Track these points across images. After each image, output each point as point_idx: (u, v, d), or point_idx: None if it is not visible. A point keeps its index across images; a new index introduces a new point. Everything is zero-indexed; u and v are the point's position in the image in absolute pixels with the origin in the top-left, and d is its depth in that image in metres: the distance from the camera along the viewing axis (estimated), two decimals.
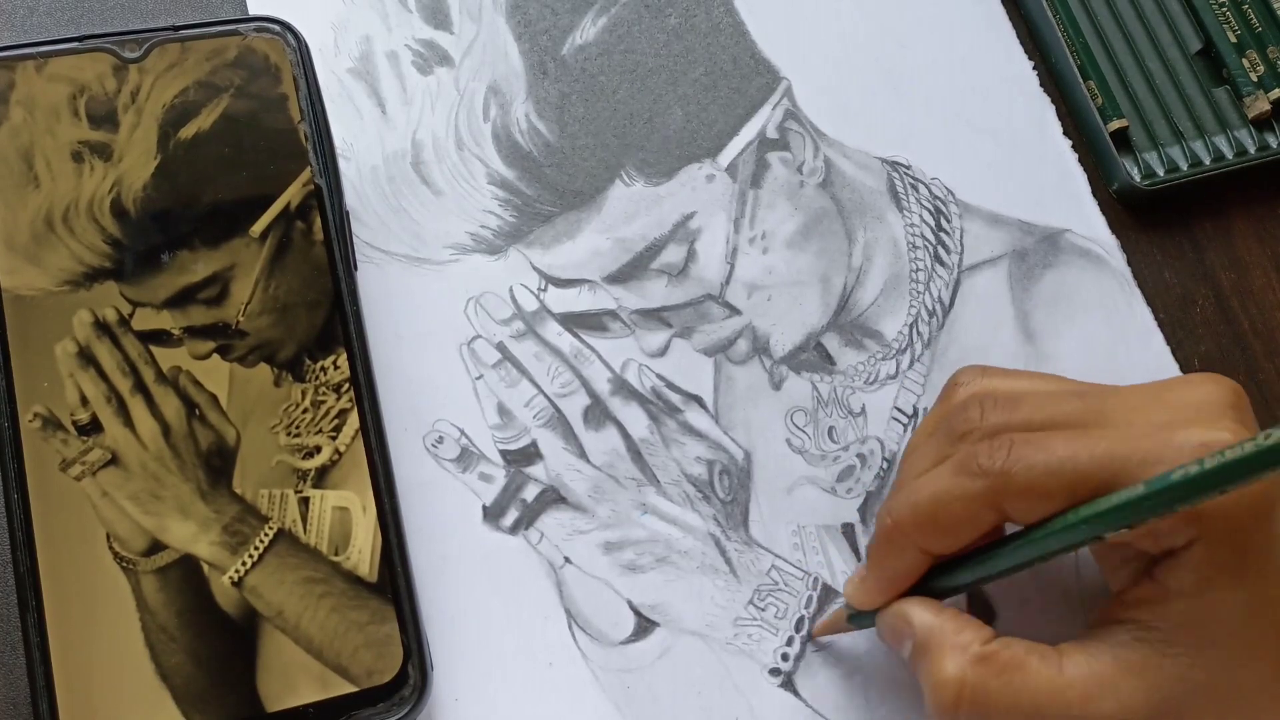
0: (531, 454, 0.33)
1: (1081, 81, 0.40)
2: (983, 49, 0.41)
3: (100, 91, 0.31)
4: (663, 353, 0.35)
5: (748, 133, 0.38)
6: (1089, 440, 0.27)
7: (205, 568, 0.28)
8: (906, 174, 0.39)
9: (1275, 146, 0.40)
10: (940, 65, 0.40)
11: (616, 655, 0.32)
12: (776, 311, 0.36)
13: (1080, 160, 0.40)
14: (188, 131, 0.31)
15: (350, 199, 0.34)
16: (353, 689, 0.28)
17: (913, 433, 0.35)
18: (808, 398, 0.35)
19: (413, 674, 0.28)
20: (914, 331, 0.37)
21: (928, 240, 0.38)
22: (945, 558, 0.30)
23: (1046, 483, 0.27)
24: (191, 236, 0.31)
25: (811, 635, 0.33)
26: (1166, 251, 0.39)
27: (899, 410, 0.36)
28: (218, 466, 0.29)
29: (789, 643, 0.32)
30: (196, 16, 0.36)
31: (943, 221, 0.38)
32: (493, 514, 0.33)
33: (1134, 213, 0.40)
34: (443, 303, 0.34)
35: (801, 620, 0.33)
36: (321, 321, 0.31)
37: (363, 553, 0.29)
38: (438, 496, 0.32)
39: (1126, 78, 0.41)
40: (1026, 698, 0.27)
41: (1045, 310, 0.38)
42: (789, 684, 0.32)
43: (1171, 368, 0.38)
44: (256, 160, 0.31)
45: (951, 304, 0.37)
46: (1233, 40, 0.41)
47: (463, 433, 0.33)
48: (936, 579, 0.30)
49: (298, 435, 0.30)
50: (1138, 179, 0.39)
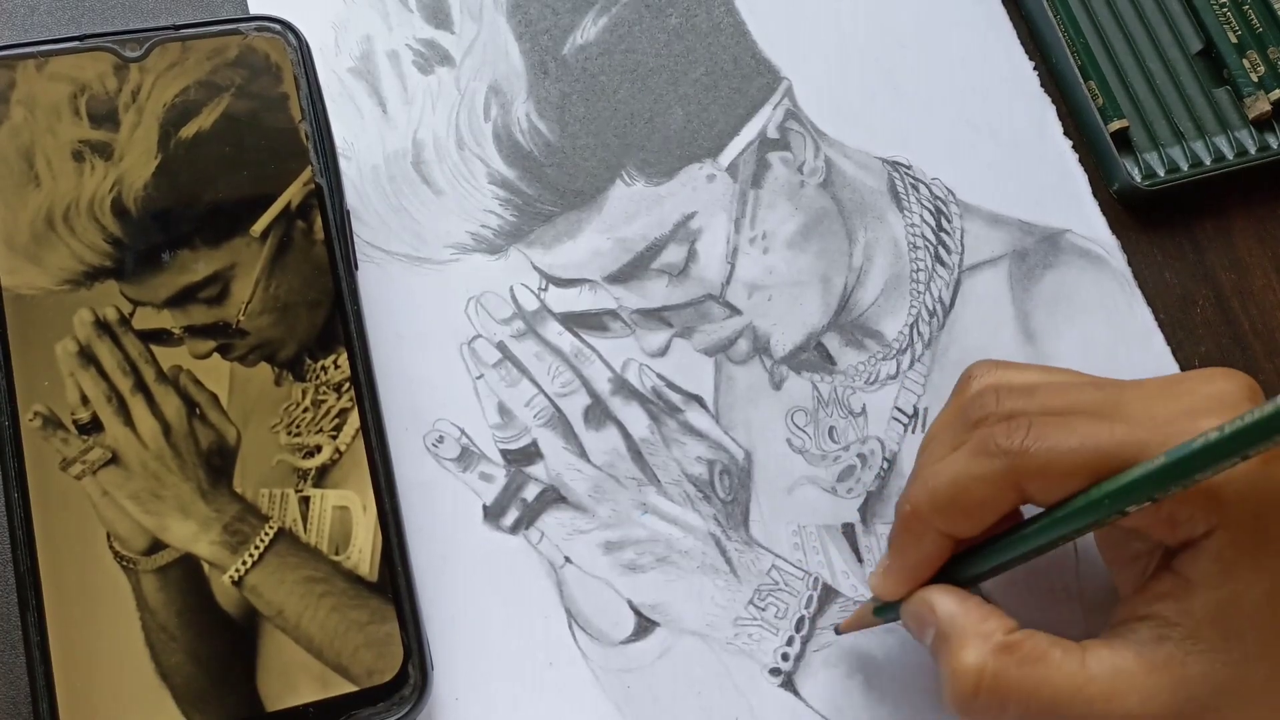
0: (532, 453, 0.33)
1: (1082, 81, 0.40)
2: (983, 49, 0.41)
3: (101, 91, 0.31)
4: (663, 352, 0.35)
5: (748, 133, 0.38)
6: (1110, 424, 0.27)
7: (206, 567, 0.28)
8: (907, 174, 0.39)
9: (1276, 147, 0.40)
10: (941, 65, 0.40)
11: (616, 655, 0.32)
12: (777, 311, 0.36)
13: (1081, 160, 0.40)
14: (188, 131, 0.31)
15: (351, 198, 0.34)
16: (353, 688, 0.28)
17: (913, 432, 0.35)
18: (808, 398, 0.35)
19: (413, 673, 0.28)
20: (914, 331, 0.37)
21: (928, 240, 0.38)
22: (966, 544, 0.29)
23: (1068, 461, 0.27)
24: (192, 236, 0.31)
25: (838, 631, 0.32)
26: (1167, 252, 0.39)
27: (899, 410, 0.36)
28: (218, 466, 0.29)
29: (789, 643, 0.32)
30: (197, 16, 0.36)
31: (943, 221, 0.38)
32: (493, 513, 0.32)
33: (1134, 213, 0.40)
34: (443, 302, 0.34)
35: (802, 620, 0.33)
36: (322, 321, 0.31)
37: (363, 552, 0.29)
38: (438, 496, 0.32)
39: (1127, 78, 0.41)
40: (1047, 690, 0.27)
41: (1046, 310, 0.37)
42: (789, 684, 0.32)
43: (1172, 368, 0.37)
44: (257, 159, 0.31)
45: (952, 304, 0.37)
46: (1233, 41, 0.41)
47: (463, 432, 0.33)
48: (960, 568, 0.29)
49: (298, 434, 0.30)
50: (1138, 179, 0.39)
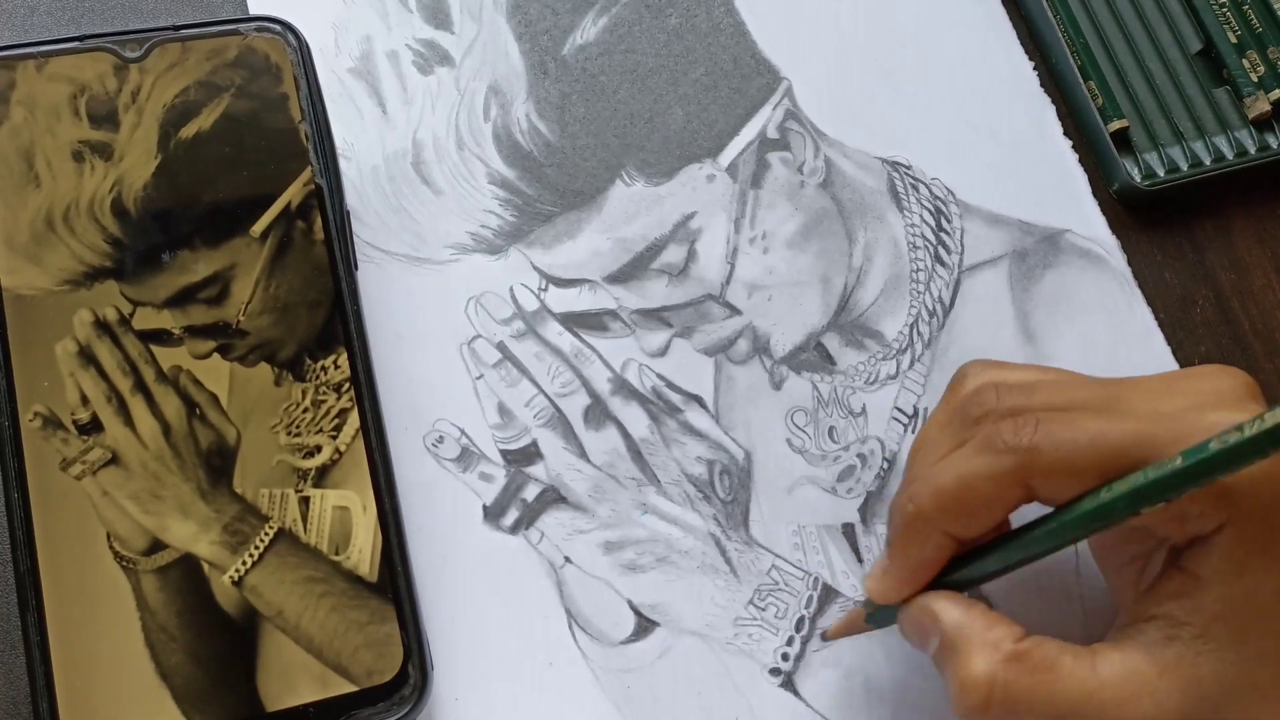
0: (532, 454, 0.33)
1: (1082, 82, 0.40)
2: (983, 49, 0.41)
3: (101, 91, 0.31)
4: (663, 352, 0.35)
5: (748, 133, 0.38)
6: (1117, 419, 0.27)
7: (205, 567, 0.28)
8: (907, 174, 0.39)
9: (1275, 147, 0.40)
10: (940, 66, 0.40)
11: (616, 655, 0.31)
12: (777, 311, 0.36)
13: (1080, 160, 0.40)
14: (188, 131, 0.31)
15: (351, 199, 0.34)
16: (353, 688, 0.28)
17: (913, 432, 0.35)
18: (808, 398, 0.35)
19: (413, 673, 0.28)
20: (914, 331, 0.36)
21: (928, 240, 0.38)
22: (967, 547, 0.29)
23: (1078, 458, 0.26)
24: (192, 236, 0.31)
25: (825, 637, 0.32)
26: (1167, 252, 0.39)
27: (899, 410, 0.35)
28: (218, 466, 0.29)
29: (789, 643, 0.32)
30: (197, 16, 0.36)
31: (943, 222, 0.38)
32: (493, 514, 0.32)
33: (1134, 213, 0.40)
34: (443, 302, 0.34)
35: (802, 620, 0.32)
36: (322, 321, 0.31)
37: (363, 552, 0.29)
38: (438, 496, 0.32)
39: (1127, 78, 0.40)
40: (1061, 699, 0.26)
41: (1046, 310, 0.37)
42: (789, 684, 0.32)
43: (1172, 368, 0.37)
44: (257, 160, 0.31)
45: (952, 304, 0.37)
46: (1233, 41, 0.41)
47: (463, 432, 0.33)
48: (962, 571, 0.29)
49: (298, 435, 0.30)
50: (1138, 179, 0.39)
